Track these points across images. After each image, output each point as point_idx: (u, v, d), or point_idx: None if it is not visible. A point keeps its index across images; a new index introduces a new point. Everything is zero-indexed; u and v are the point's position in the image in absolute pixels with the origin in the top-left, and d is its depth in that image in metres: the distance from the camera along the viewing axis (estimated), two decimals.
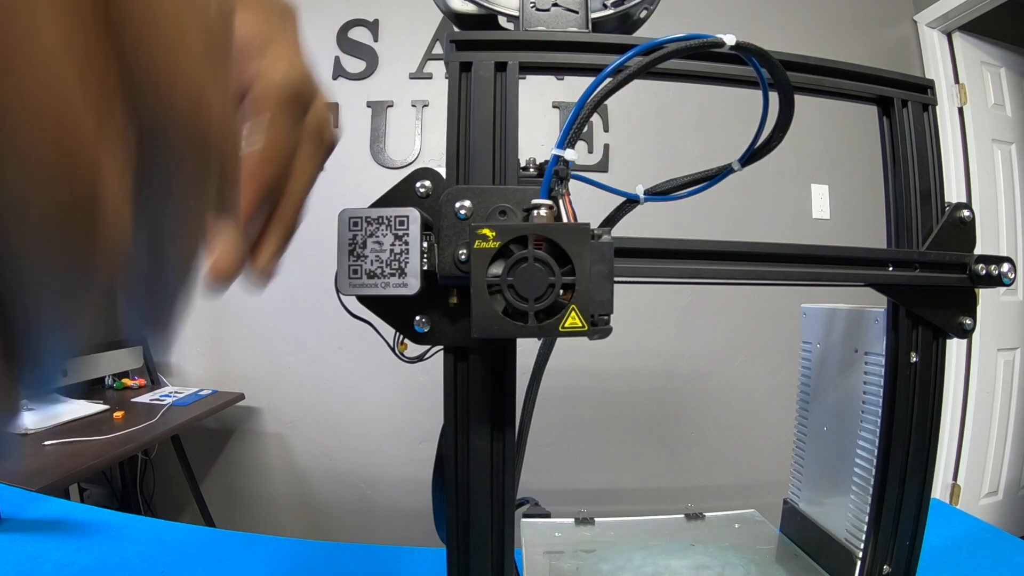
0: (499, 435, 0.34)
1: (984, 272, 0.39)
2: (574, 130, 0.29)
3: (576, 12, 0.38)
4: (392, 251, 0.30)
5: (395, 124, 1.76)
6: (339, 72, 1.78)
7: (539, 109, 1.75)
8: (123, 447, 1.15)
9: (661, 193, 0.41)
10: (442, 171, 0.33)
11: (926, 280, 0.39)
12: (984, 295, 0.52)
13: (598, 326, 0.27)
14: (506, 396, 0.33)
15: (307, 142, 0.23)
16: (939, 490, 1.82)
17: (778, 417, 1.67)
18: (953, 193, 1.83)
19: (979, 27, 1.88)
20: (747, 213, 1.73)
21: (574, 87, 1.76)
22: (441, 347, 0.34)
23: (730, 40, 0.30)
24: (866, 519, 0.47)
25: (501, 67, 0.34)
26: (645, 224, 0.45)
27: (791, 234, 1.76)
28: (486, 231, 0.26)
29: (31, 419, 1.23)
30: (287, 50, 0.22)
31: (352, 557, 0.68)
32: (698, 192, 0.42)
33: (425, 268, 0.30)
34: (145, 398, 1.49)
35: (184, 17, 0.11)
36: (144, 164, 0.12)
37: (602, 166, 1.74)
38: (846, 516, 0.52)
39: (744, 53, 0.31)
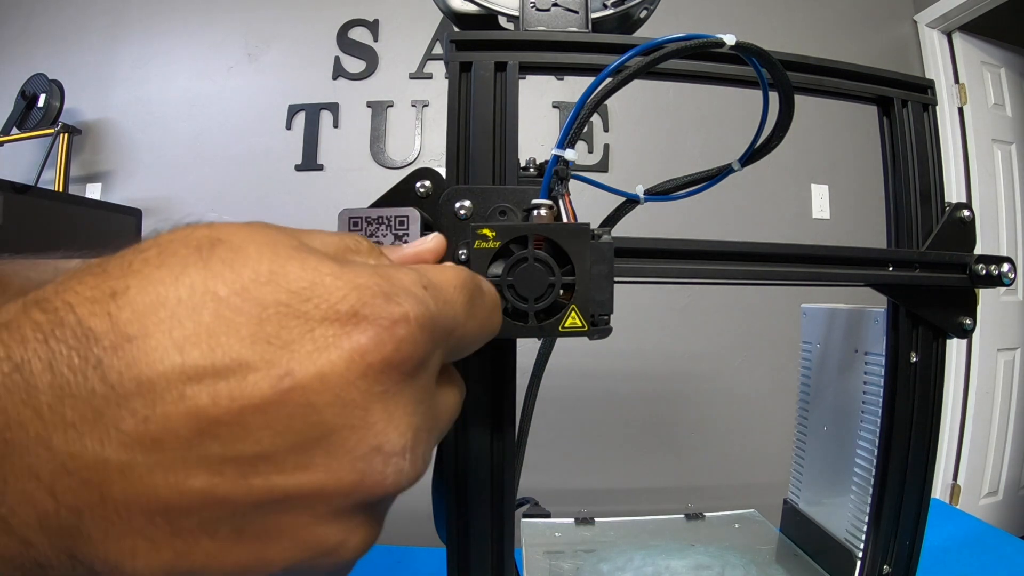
0: (499, 435, 0.34)
1: (984, 272, 0.39)
2: (574, 130, 0.29)
3: (576, 12, 0.38)
4: None
5: (395, 124, 1.76)
6: (339, 72, 1.78)
7: (539, 109, 1.75)
8: None
9: (661, 193, 0.41)
10: (442, 171, 0.33)
11: (926, 280, 0.39)
12: (984, 295, 0.52)
13: (598, 326, 0.27)
14: (506, 396, 0.33)
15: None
16: (939, 490, 1.81)
17: (778, 417, 1.67)
18: (953, 193, 1.83)
19: (979, 27, 1.88)
20: (747, 213, 1.73)
21: (574, 87, 1.76)
22: None
23: (730, 40, 0.30)
24: (866, 519, 0.47)
25: (501, 67, 0.34)
26: (645, 224, 0.45)
27: (791, 234, 1.76)
28: (486, 231, 0.26)
29: None
30: None
31: None
32: (698, 192, 0.42)
33: None
34: None
35: None
36: None
37: (602, 166, 1.74)
38: (846, 516, 0.52)
39: (744, 53, 0.31)
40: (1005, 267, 0.40)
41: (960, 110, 1.87)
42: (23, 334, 0.13)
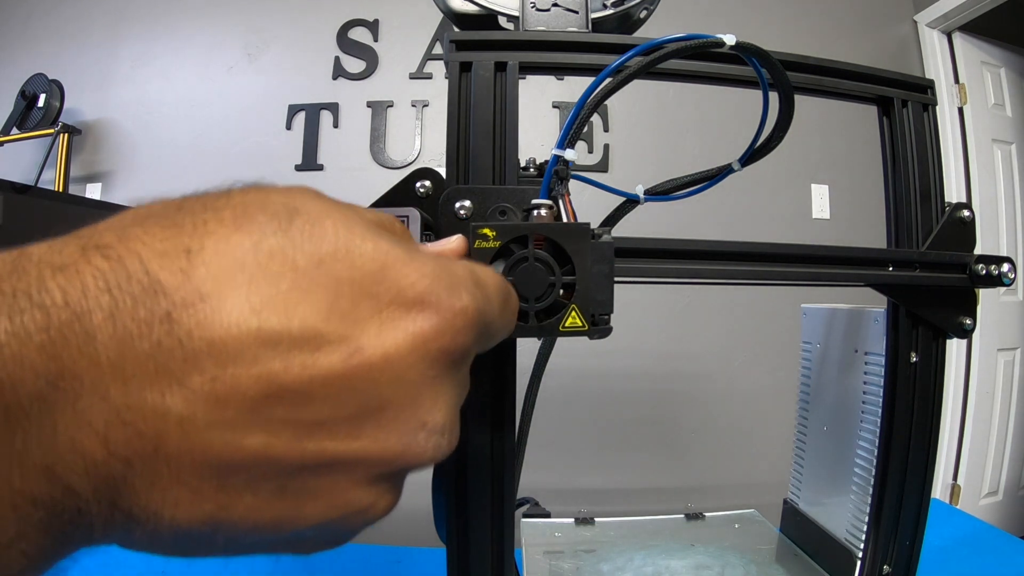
0: (499, 435, 0.34)
1: (984, 272, 0.39)
2: (574, 130, 0.29)
3: (576, 12, 0.38)
4: None
5: (395, 124, 1.76)
6: (339, 72, 1.78)
7: (539, 109, 1.74)
8: None
9: (661, 193, 0.41)
10: (442, 171, 0.33)
11: (926, 280, 0.39)
12: (984, 295, 0.52)
13: (598, 326, 0.27)
14: (506, 396, 0.33)
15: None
16: (939, 490, 1.81)
17: (778, 417, 1.67)
18: (953, 193, 1.82)
19: (979, 27, 1.88)
20: (747, 213, 1.73)
21: (574, 87, 1.76)
22: None
23: (730, 40, 0.30)
24: (866, 519, 0.47)
25: (501, 67, 0.34)
26: (645, 224, 0.45)
27: (791, 234, 1.76)
28: (486, 231, 0.26)
29: None
30: None
31: (352, 557, 0.68)
32: (698, 192, 0.42)
33: None
34: None
35: None
36: None
37: (602, 166, 1.74)
38: (846, 516, 0.52)
39: (744, 53, 0.31)
40: (1005, 267, 0.40)
41: (960, 110, 1.87)
42: (83, 281, 0.12)
